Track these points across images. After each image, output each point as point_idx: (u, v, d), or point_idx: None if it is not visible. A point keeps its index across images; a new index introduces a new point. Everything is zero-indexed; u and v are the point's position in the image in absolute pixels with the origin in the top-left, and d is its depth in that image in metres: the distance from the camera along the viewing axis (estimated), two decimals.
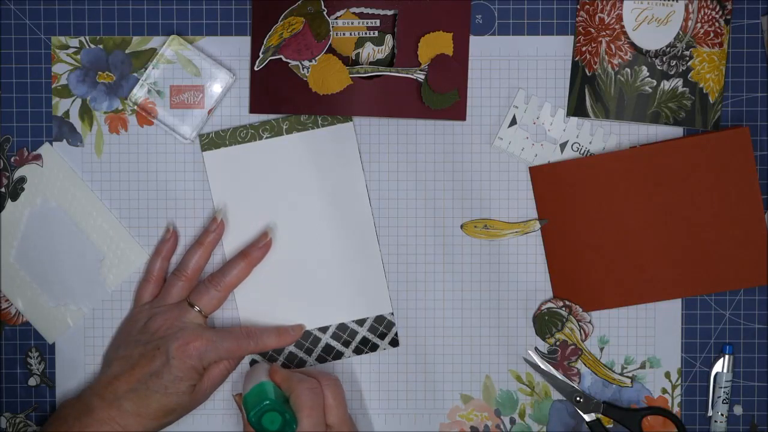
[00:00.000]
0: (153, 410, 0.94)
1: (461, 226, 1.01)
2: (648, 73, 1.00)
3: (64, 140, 1.01)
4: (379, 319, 1.02)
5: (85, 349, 1.02)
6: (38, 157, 1.01)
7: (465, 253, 1.01)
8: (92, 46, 1.01)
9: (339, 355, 1.02)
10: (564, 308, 1.01)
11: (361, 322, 1.02)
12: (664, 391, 1.02)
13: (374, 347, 1.02)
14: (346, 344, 1.02)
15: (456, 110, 1.00)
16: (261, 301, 1.01)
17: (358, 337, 1.02)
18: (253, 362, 1.02)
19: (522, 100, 1.01)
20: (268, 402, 0.92)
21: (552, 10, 1.01)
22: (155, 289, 1.00)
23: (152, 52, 1.01)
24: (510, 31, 1.01)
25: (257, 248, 0.99)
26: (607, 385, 1.02)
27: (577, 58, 1.00)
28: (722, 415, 1.01)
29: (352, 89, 0.99)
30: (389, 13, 1.00)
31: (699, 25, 0.99)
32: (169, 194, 1.01)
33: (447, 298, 1.02)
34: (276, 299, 1.01)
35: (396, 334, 1.02)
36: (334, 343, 1.02)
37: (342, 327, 1.02)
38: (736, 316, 1.02)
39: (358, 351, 1.02)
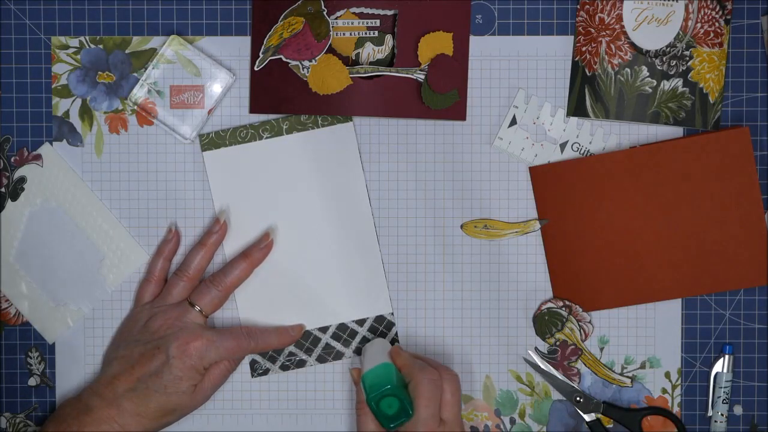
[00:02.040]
0: (152, 410, 0.94)
1: (461, 226, 1.01)
2: (648, 73, 1.00)
3: (64, 140, 1.01)
4: (379, 319, 1.02)
5: (85, 349, 1.02)
6: (38, 157, 1.01)
7: (465, 253, 1.01)
8: (92, 46, 1.01)
9: (339, 355, 1.02)
10: (564, 308, 1.01)
11: (361, 322, 1.02)
12: (664, 391, 1.02)
13: None
14: (346, 344, 1.02)
15: (456, 110, 1.00)
16: (261, 301, 1.01)
17: (358, 337, 1.02)
18: (253, 362, 1.02)
19: (522, 100, 1.01)
20: (389, 387, 0.91)
21: (552, 10, 1.01)
22: (156, 289, 1.00)
23: (152, 52, 1.01)
24: (510, 31, 1.01)
25: (258, 249, 0.99)
26: (607, 385, 1.02)
27: (577, 58, 1.00)
28: (722, 415, 1.01)
29: (352, 89, 0.99)
30: (389, 13, 1.00)
31: (699, 25, 0.99)
32: (169, 194, 1.01)
33: (447, 298, 1.02)
34: (276, 299, 1.01)
35: (396, 334, 1.02)
36: (334, 343, 1.02)
37: (342, 327, 1.02)
38: (736, 316, 1.02)
39: (358, 351, 1.02)
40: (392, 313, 1.02)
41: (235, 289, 0.99)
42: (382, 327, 1.02)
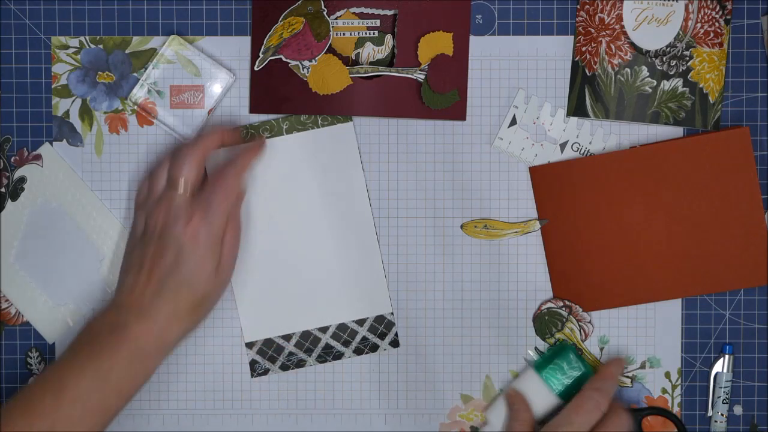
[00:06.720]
0: (185, 307, 0.92)
1: (461, 226, 1.01)
2: (648, 73, 1.00)
3: (64, 140, 1.01)
4: (379, 319, 1.02)
5: None
6: (38, 157, 1.01)
7: (465, 253, 1.01)
8: (92, 46, 1.01)
9: (339, 355, 1.02)
10: (564, 308, 1.01)
11: (361, 322, 1.02)
12: (664, 391, 1.02)
13: (374, 347, 1.02)
14: (346, 344, 1.02)
15: (456, 110, 1.00)
16: (260, 300, 1.01)
17: (358, 337, 1.02)
18: (253, 362, 1.01)
19: (522, 100, 1.01)
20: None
21: (552, 10, 1.01)
22: (147, 184, 0.97)
23: (152, 52, 1.01)
24: (510, 31, 1.01)
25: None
26: None
27: (577, 58, 1.00)
28: (722, 415, 1.01)
29: (352, 89, 0.99)
30: (389, 13, 1.00)
31: (699, 25, 0.99)
32: None
33: (447, 298, 1.02)
34: (275, 298, 1.01)
35: (396, 335, 1.02)
36: (334, 343, 1.02)
37: (342, 327, 1.02)
38: (736, 316, 1.02)
39: (358, 351, 1.02)
40: (392, 313, 1.02)
41: (212, 150, 0.96)
42: (382, 327, 1.02)
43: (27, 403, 0.88)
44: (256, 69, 0.99)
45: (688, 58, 0.99)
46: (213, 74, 1.00)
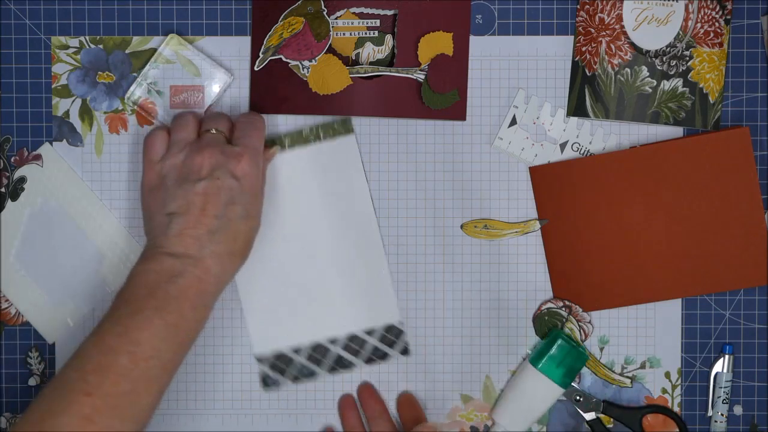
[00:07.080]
0: (242, 243, 0.91)
1: (461, 226, 1.01)
2: (648, 73, 1.00)
3: (64, 140, 1.01)
4: (389, 328, 1.01)
5: None
6: (38, 157, 1.01)
7: (465, 253, 1.01)
8: (92, 46, 1.01)
9: (349, 365, 1.01)
10: (564, 308, 1.01)
11: (370, 332, 1.01)
12: (664, 391, 1.02)
13: (384, 356, 1.01)
14: (356, 354, 1.01)
15: (456, 110, 1.00)
16: (269, 312, 1.01)
17: (368, 347, 1.01)
18: (265, 377, 1.02)
19: (522, 100, 1.01)
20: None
21: (552, 10, 1.01)
22: (167, 135, 0.95)
23: (152, 52, 1.01)
24: (510, 31, 1.01)
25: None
26: (607, 385, 1.02)
27: (577, 58, 1.00)
28: (722, 415, 1.01)
29: (352, 89, 0.99)
30: (389, 13, 1.00)
31: (699, 25, 0.99)
32: None
33: (447, 299, 1.02)
34: (284, 310, 1.01)
35: (407, 343, 1.01)
36: (344, 353, 1.01)
37: (351, 337, 1.01)
38: (736, 316, 1.02)
39: (369, 361, 1.01)
40: (402, 322, 1.01)
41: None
42: (391, 336, 1.01)
43: (101, 362, 0.84)
44: (256, 69, 0.99)
45: (688, 58, 0.99)
46: (212, 74, 1.00)
